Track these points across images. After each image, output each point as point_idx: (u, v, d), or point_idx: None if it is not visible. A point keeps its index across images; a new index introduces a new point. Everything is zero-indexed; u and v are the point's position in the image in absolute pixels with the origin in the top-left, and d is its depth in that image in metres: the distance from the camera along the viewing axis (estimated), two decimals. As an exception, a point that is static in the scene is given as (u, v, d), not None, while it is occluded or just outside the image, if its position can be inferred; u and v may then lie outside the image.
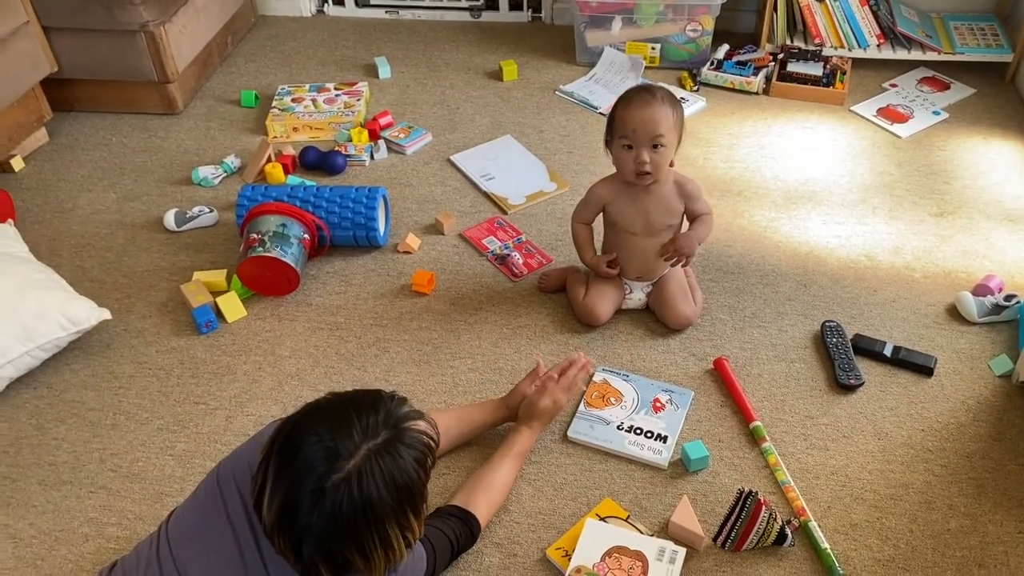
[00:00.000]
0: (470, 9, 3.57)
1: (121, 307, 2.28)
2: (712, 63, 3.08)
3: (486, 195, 2.63)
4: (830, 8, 3.00)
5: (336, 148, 2.79)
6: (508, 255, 2.41)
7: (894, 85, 3.02)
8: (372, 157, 2.80)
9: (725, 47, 3.15)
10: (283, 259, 2.20)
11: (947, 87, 3.00)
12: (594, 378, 2.04)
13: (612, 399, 1.99)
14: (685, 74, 3.08)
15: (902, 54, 3.04)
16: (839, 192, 2.59)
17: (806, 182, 2.63)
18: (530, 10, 3.54)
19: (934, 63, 3.07)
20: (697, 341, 2.14)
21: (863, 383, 2.00)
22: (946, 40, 3.05)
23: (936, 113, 2.87)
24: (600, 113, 2.95)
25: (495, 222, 2.53)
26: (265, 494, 1.17)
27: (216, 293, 2.27)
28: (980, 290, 2.19)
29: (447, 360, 2.12)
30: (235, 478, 1.33)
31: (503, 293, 2.30)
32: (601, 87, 3.07)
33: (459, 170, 2.74)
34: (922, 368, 2.03)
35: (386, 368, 2.10)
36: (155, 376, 2.11)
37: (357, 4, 3.62)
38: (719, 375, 2.04)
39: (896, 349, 2.06)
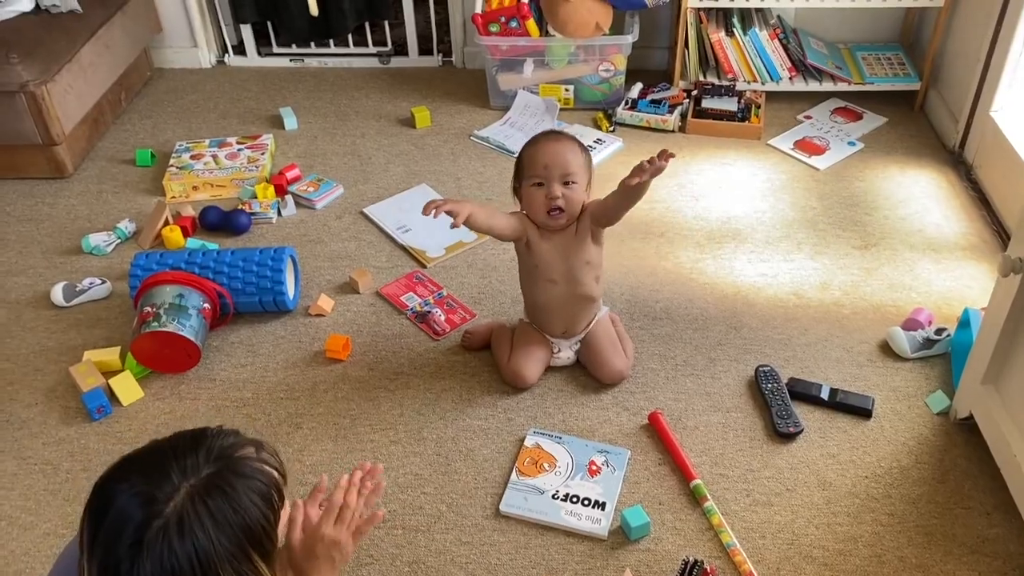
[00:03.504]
0: (378, 55, 3.46)
1: (2, 395, 2.07)
2: (627, 103, 3.03)
3: (403, 248, 2.51)
4: (741, 43, 2.99)
5: (240, 206, 2.62)
6: (429, 312, 2.28)
7: (808, 117, 3.02)
8: (279, 214, 2.64)
9: (639, 86, 3.11)
10: (180, 333, 2.03)
11: (860, 117, 3.01)
12: (526, 442, 1.92)
13: (545, 465, 1.87)
14: (600, 115, 3.02)
15: (814, 86, 3.04)
16: (762, 229, 2.54)
17: (729, 220, 2.58)
18: (440, 55, 3.45)
19: (845, 93, 3.08)
20: (630, 394, 2.04)
21: (802, 430, 1.93)
22: (855, 71, 3.06)
23: (851, 144, 2.87)
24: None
25: (414, 277, 2.40)
26: (84, 571, 1.00)
27: (109, 374, 2.08)
28: (910, 324, 2.15)
29: (366, 433, 1.97)
30: None
31: (425, 354, 2.17)
32: (516, 131, 2.98)
33: (373, 223, 2.61)
34: (860, 410, 1.97)
35: (299, 447, 1.94)
36: (41, 472, 1.90)
37: (260, 53, 3.48)
38: (655, 430, 1.94)
39: (833, 392, 2.00)
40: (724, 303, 2.29)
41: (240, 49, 3.49)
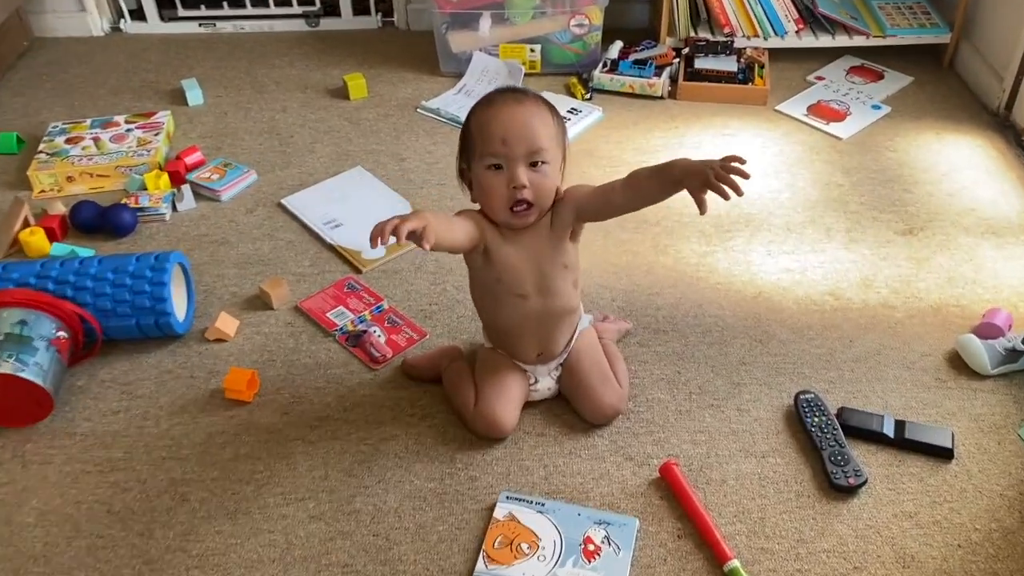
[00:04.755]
0: (305, 16, 2.92)
1: None
2: (605, 64, 2.53)
3: (332, 249, 1.99)
4: (739, -10, 2.50)
5: (124, 200, 2.07)
6: (365, 332, 1.75)
7: (820, 78, 2.54)
8: (174, 208, 2.10)
9: (619, 44, 2.61)
10: (20, 375, 1.48)
11: (881, 76, 2.54)
12: (496, 513, 1.41)
13: (524, 545, 1.36)
14: (574, 80, 2.52)
15: (824, 41, 2.56)
16: (781, 212, 2.06)
17: (738, 203, 2.07)
18: (380, 14, 2.92)
19: (861, 49, 2.61)
20: (632, 436, 1.54)
21: (865, 481, 1.44)
22: (873, 22, 2.59)
23: (876, 107, 2.40)
24: (474, 132, 2.34)
25: (345, 286, 1.88)
26: None
27: (-74, 432, 1.53)
28: (986, 330, 1.67)
29: (276, 506, 1.44)
30: None
31: (359, 390, 1.64)
32: (472, 101, 2.45)
33: (294, 217, 2.09)
34: (938, 449, 1.49)
35: (184, 529, 1.40)
36: None
37: (163, 18, 2.92)
38: (669, 487, 1.45)
39: (899, 425, 1.51)
40: (743, 308, 1.80)
41: (139, 14, 2.93)
